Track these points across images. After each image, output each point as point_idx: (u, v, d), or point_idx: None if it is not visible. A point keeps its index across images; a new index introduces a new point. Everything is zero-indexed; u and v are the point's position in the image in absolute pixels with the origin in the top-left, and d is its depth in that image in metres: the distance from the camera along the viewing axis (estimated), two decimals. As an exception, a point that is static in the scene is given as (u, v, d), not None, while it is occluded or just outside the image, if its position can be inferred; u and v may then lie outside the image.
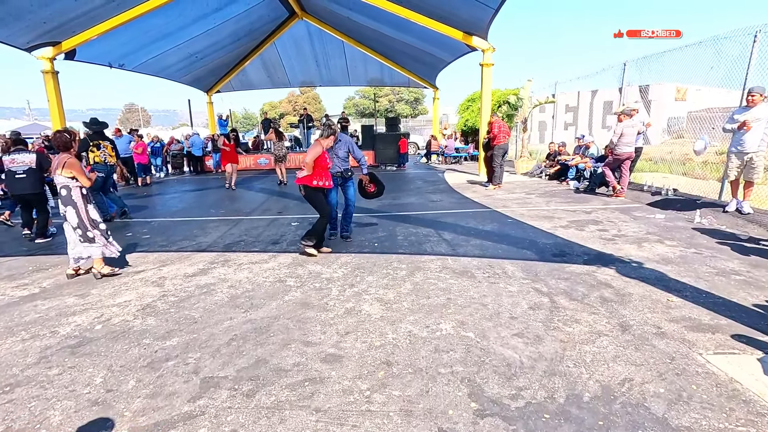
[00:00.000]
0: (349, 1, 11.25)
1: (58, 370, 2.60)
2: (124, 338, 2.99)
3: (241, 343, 2.87)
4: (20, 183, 5.86)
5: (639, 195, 7.71)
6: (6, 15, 8.62)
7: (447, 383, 2.34)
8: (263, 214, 7.36)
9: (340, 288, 3.81)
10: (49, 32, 9.72)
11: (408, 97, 51.14)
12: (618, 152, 7.60)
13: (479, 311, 3.24)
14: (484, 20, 9.65)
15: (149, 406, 2.22)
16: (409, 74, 18.24)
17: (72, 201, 4.14)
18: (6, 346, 2.92)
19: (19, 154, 5.89)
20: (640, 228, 5.53)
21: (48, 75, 10.39)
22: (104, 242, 4.30)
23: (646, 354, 2.57)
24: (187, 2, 10.73)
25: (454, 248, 4.92)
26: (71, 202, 4.14)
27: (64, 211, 4.16)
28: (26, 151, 6.03)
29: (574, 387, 2.27)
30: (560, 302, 3.35)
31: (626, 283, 3.70)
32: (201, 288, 3.92)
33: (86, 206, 4.22)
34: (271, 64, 18.37)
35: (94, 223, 4.25)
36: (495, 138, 9.35)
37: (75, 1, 8.98)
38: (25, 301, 3.76)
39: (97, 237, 4.25)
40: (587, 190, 8.55)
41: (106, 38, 10.67)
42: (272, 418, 2.10)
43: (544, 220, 6.12)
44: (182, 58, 14.28)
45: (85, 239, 4.19)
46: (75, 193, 4.15)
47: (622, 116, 7.60)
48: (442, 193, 9.29)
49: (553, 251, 4.68)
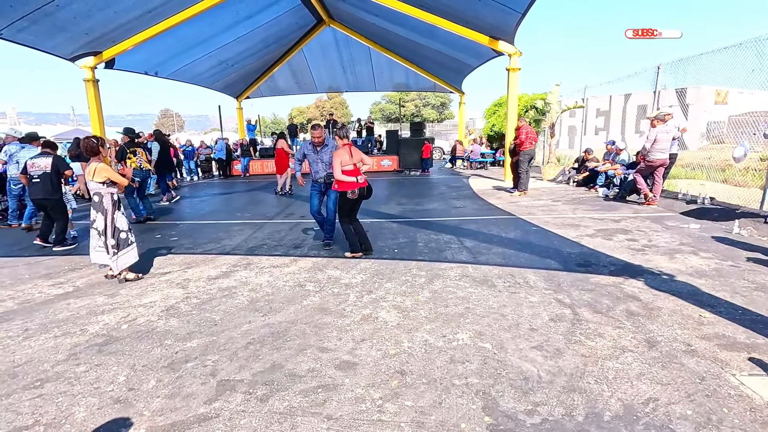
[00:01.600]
0: (376, 8, 11.34)
1: (85, 368, 2.71)
2: (148, 338, 3.08)
3: (258, 347, 2.91)
4: (35, 188, 5.72)
5: (672, 203, 7.38)
6: (53, 27, 9.16)
7: (461, 395, 2.30)
8: (287, 218, 7.48)
9: (358, 294, 3.82)
10: (91, 42, 10.25)
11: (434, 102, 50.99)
12: (651, 158, 7.31)
13: (498, 322, 3.17)
14: (511, 25, 9.52)
15: (167, 406, 2.28)
16: (435, 79, 18.20)
17: (102, 207, 4.20)
18: (40, 342, 3.07)
19: (39, 158, 5.77)
20: (673, 238, 5.29)
21: (89, 83, 10.94)
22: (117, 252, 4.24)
23: (673, 373, 2.44)
24: (220, 11, 11.08)
25: (475, 256, 4.84)
26: (101, 208, 4.20)
27: (95, 217, 4.22)
28: (45, 155, 5.82)
29: (595, 405, 2.18)
30: (583, 315, 3.23)
31: (655, 296, 3.54)
32: (223, 291, 4.01)
33: (114, 213, 4.25)
34: (298, 71, 18.73)
35: (117, 231, 4.24)
36: (522, 144, 9.17)
37: (115, 12, 9.45)
38: (60, 299, 3.95)
39: (109, 248, 4.21)
40: (617, 198, 8.26)
41: (143, 47, 11.16)
42: (284, 424, 2.11)
43: (570, 229, 5.95)
44: (213, 65, 14.76)
45: (104, 248, 4.22)
46: (106, 200, 4.21)
47: (656, 121, 7.30)
48: (465, 199, 9.18)
49: (578, 261, 4.53)
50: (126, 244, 4.32)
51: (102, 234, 4.21)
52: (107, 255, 4.24)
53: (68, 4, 8.51)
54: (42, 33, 9.20)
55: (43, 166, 5.69)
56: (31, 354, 2.90)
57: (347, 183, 4.64)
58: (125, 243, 4.31)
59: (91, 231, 4.29)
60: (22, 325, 3.38)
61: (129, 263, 4.35)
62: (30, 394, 2.42)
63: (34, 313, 3.61)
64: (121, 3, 9.20)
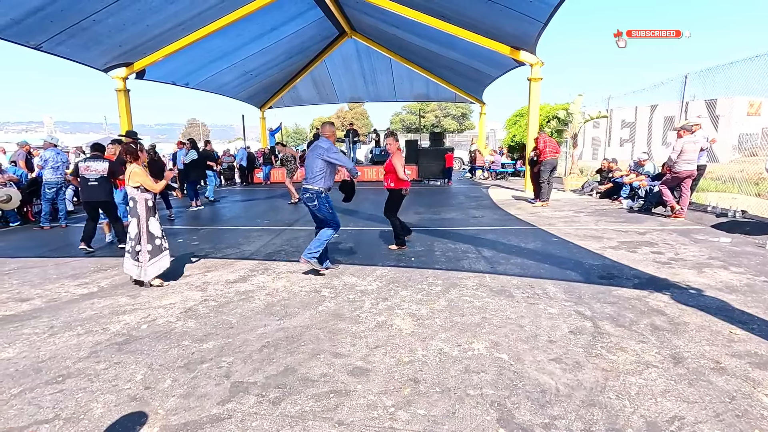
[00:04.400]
0: (397, 20, 11.47)
1: (105, 365, 2.77)
2: (166, 339, 3.14)
3: (272, 350, 2.92)
4: (92, 190, 5.94)
5: (701, 216, 7.12)
6: (89, 40, 9.61)
7: (475, 405, 2.24)
8: (305, 225, 7.54)
9: (373, 301, 3.80)
10: (124, 54, 10.70)
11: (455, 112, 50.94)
12: (677, 170, 7.09)
13: (515, 332, 3.10)
14: (532, 34, 9.47)
15: (181, 405, 2.30)
16: (455, 89, 18.21)
17: (136, 212, 4.26)
18: (64, 340, 3.17)
19: (94, 162, 5.96)
20: (701, 252, 5.08)
21: (120, 93, 11.39)
22: (146, 261, 4.23)
23: (701, 390, 2.32)
24: (246, 23, 11.42)
25: (493, 266, 4.77)
26: (136, 213, 4.26)
27: (129, 222, 4.33)
28: (100, 159, 6.06)
29: (615, 421, 2.09)
30: (605, 328, 3.13)
31: (682, 311, 3.39)
32: (240, 294, 4.05)
33: (148, 219, 4.28)
34: (320, 81, 19.06)
35: (151, 237, 4.27)
36: (542, 153, 9.04)
37: (147, 26, 9.85)
38: (84, 298, 4.07)
39: (142, 255, 4.22)
40: (642, 210, 8.01)
41: (172, 59, 11.58)
42: (295, 428, 2.10)
43: (592, 240, 5.80)
44: (238, 76, 15.17)
45: (132, 254, 4.25)
46: (140, 205, 4.25)
47: (683, 131, 7.09)
48: (484, 209, 9.08)
49: (600, 273, 4.40)
50: (159, 250, 4.31)
51: (133, 239, 4.25)
52: (136, 263, 4.23)
53: (104, 18, 8.93)
54: (79, 46, 9.67)
55: (101, 170, 5.94)
56: (55, 350, 2.99)
57: (406, 182, 5.49)
58: (159, 250, 4.31)
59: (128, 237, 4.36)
60: (48, 322, 3.50)
61: (162, 269, 4.33)
62: (52, 389, 2.49)
63: (59, 312, 3.73)
64: (154, 17, 9.59)
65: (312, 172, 4.49)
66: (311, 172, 4.50)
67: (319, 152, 4.50)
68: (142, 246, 4.24)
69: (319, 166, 4.48)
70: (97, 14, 8.67)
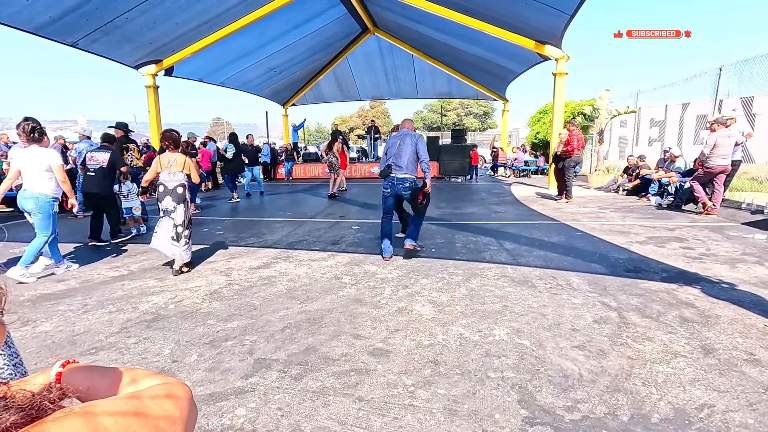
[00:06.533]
0: (420, 15, 11.43)
1: (135, 340, 2.87)
2: (192, 318, 3.23)
3: (294, 331, 2.97)
4: (90, 181, 5.74)
5: (735, 213, 6.84)
6: (121, 38, 9.95)
7: (496, 387, 2.23)
8: (326, 218, 7.62)
9: (393, 288, 3.81)
10: (154, 51, 11.04)
11: (477, 111, 50.43)
12: (710, 165, 6.83)
13: (537, 320, 3.05)
14: (558, 27, 9.28)
15: (207, 378, 2.37)
16: (478, 86, 18.01)
17: (185, 199, 4.38)
18: (97, 316, 3.30)
19: (98, 152, 5.78)
20: (735, 248, 4.89)
21: (150, 89, 11.75)
22: (186, 245, 4.41)
23: (733, 381, 2.24)
24: (270, 21, 11.59)
25: (515, 258, 4.71)
26: (184, 200, 4.36)
27: (174, 208, 4.32)
28: (105, 150, 5.83)
29: (641, 406, 2.04)
30: (630, 318, 3.05)
31: (713, 304, 3.28)
32: (263, 279, 4.13)
33: (189, 205, 4.48)
34: (342, 78, 19.17)
35: (190, 223, 4.49)
36: (572, 150, 8.83)
37: (176, 24, 10.13)
38: (116, 280, 4.23)
39: (183, 238, 4.37)
40: (671, 207, 7.76)
41: (198, 56, 11.86)
42: (316, 402, 2.13)
43: (618, 235, 5.65)
44: (262, 73, 15.42)
45: (177, 238, 4.34)
46: (187, 192, 4.40)
47: (716, 125, 6.83)
48: (506, 204, 8.97)
49: (626, 266, 4.29)
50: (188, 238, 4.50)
51: (179, 224, 4.35)
52: (180, 247, 4.34)
53: (137, 17, 9.23)
54: (112, 43, 10.01)
55: (101, 161, 5.70)
56: (89, 326, 3.12)
57: None
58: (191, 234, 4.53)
59: (165, 221, 4.37)
60: (82, 301, 3.65)
61: (184, 260, 4.42)
62: (85, 360, 2.60)
63: (92, 292, 3.89)
64: (182, 15, 9.85)
65: (404, 161, 4.58)
66: (403, 161, 4.59)
67: (413, 139, 4.61)
68: (184, 230, 4.38)
69: (412, 155, 4.58)
70: (130, 12, 8.96)
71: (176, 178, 4.37)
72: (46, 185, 4.28)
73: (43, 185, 4.27)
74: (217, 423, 2.00)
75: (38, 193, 4.25)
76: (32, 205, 4.25)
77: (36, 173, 4.23)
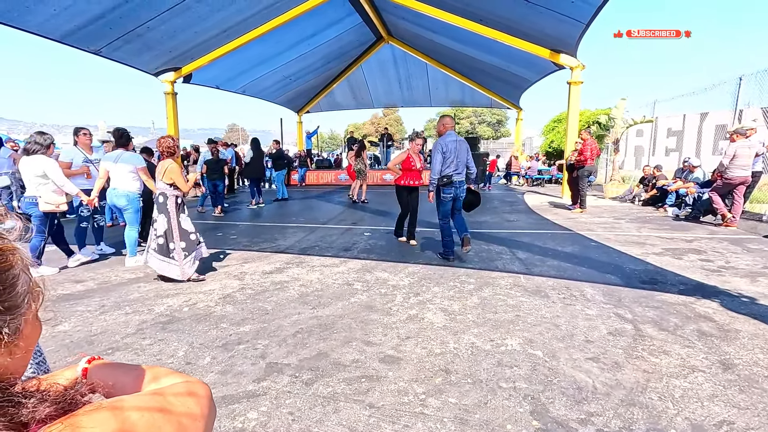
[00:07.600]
0: (434, 24, 11.51)
1: (150, 341, 2.92)
2: (206, 321, 3.27)
3: (305, 336, 2.99)
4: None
5: (756, 225, 6.68)
6: (142, 46, 10.23)
7: (508, 398, 2.21)
8: (339, 224, 7.66)
9: (405, 295, 3.81)
10: (173, 59, 11.31)
11: (490, 119, 50.31)
12: (729, 176, 6.70)
13: (550, 331, 3.02)
14: (574, 36, 9.25)
15: (219, 381, 2.40)
16: (492, 95, 17.99)
17: (166, 209, 4.17)
18: (113, 317, 3.37)
19: None
20: (755, 261, 4.77)
21: (169, 96, 12.03)
22: (182, 260, 4.16)
23: (753, 398, 2.18)
24: (286, 29, 11.79)
25: (527, 267, 4.67)
26: (165, 209, 4.17)
27: (155, 219, 4.20)
28: None
29: (657, 421, 2.00)
30: (646, 331, 3.00)
31: (732, 318, 3.20)
32: (275, 284, 4.17)
33: (178, 216, 4.22)
34: (356, 86, 19.35)
35: (185, 234, 4.21)
36: (586, 160, 8.76)
37: (195, 32, 10.38)
38: (132, 282, 4.31)
39: (177, 253, 4.14)
40: (689, 218, 7.61)
41: (216, 64, 12.11)
42: (327, 407, 2.14)
43: (634, 246, 5.56)
44: (278, 81, 15.66)
45: (161, 251, 4.14)
46: (170, 202, 4.18)
47: (736, 135, 6.70)
48: (519, 213, 8.90)
49: (642, 278, 4.22)
50: (194, 245, 4.27)
51: (162, 235, 4.15)
52: (172, 262, 4.14)
53: (158, 26, 9.49)
54: (133, 51, 10.30)
55: None
56: (106, 326, 3.19)
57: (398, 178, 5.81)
58: (194, 244, 4.25)
59: (150, 232, 4.25)
60: (99, 302, 3.73)
61: (202, 256, 4.35)
62: (102, 360, 2.65)
63: (110, 293, 3.97)
64: (202, 24, 10.09)
65: (461, 166, 5.00)
66: (461, 166, 4.99)
67: (466, 146, 5.06)
68: (176, 244, 4.15)
69: (464, 162, 5.02)
70: (151, 21, 9.22)
71: (159, 187, 4.25)
72: (133, 184, 5.01)
73: (130, 184, 4.99)
74: (229, 425, 2.02)
75: (128, 191, 4.96)
76: (124, 201, 4.96)
77: (124, 174, 4.94)
